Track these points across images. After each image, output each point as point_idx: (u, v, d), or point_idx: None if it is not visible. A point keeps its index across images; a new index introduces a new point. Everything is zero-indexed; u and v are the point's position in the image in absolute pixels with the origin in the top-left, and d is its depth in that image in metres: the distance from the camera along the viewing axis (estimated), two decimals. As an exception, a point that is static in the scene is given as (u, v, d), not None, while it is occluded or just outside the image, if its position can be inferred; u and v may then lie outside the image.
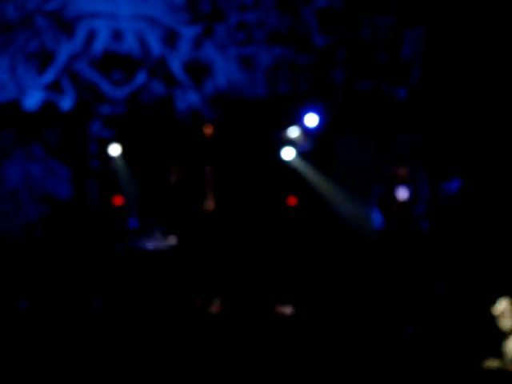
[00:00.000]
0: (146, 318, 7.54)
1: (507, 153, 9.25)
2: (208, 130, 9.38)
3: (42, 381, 5.50)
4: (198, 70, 10.24)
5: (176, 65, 10.18)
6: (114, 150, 9.17)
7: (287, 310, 8.34)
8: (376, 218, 8.04)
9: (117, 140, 9.31)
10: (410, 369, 5.69)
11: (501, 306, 5.87)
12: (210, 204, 9.00)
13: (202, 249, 8.70)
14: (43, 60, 9.90)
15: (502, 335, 5.83)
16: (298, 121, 9.54)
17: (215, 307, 8.74)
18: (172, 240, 8.74)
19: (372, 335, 6.86)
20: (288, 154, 9.21)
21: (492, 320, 5.91)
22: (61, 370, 5.62)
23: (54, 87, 10.04)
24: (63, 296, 8.20)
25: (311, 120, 9.39)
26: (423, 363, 5.81)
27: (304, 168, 9.45)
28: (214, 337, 6.80)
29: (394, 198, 8.02)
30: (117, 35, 10.04)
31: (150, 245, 8.70)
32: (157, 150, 9.44)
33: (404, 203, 8.05)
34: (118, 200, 9.08)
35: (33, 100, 9.96)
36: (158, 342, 6.55)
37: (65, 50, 9.95)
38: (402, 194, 8.29)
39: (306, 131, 9.56)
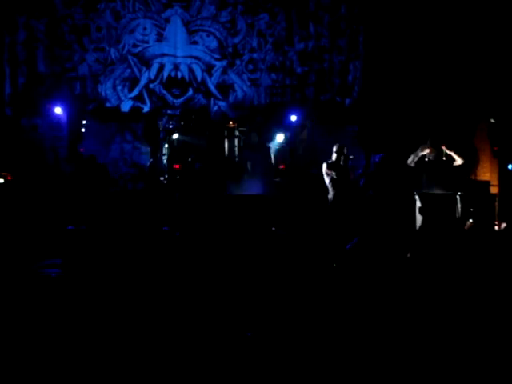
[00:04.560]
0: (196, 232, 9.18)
1: (408, 140, 10.91)
2: (231, 124, 12.06)
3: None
4: (225, 88, 12.84)
5: (211, 85, 12.85)
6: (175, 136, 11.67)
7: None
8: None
9: (176, 129, 11.69)
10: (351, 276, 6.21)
11: None
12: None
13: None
14: (132, 82, 12.66)
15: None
16: (285, 119, 11.88)
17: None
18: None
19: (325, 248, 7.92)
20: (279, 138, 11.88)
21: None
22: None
23: (139, 98, 12.67)
24: (149, 223, 9.23)
25: (293, 118, 12.07)
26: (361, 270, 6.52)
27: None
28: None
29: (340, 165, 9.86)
30: (176, 67, 12.77)
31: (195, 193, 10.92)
32: (199, 136, 11.79)
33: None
34: (177, 166, 11.32)
35: (126, 106, 12.70)
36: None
37: (145, 76, 12.68)
38: None
39: (289, 125, 11.88)
